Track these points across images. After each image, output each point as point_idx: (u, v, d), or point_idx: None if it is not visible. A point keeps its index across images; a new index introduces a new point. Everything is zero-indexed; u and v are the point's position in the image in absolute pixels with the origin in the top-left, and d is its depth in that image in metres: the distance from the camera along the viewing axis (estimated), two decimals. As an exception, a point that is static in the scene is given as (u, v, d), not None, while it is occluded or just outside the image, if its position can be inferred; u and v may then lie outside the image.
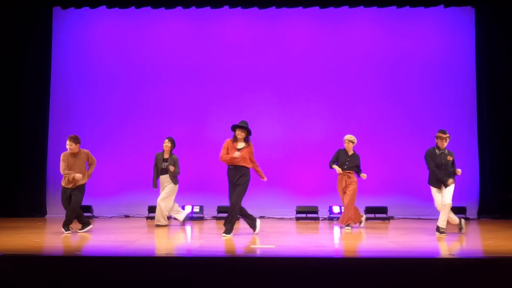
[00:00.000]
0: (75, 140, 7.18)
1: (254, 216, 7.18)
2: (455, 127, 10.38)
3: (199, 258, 4.98)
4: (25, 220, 9.38)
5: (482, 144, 10.26)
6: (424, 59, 10.62)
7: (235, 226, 7.08)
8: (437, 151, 7.20)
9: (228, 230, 6.78)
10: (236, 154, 6.79)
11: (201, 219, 9.72)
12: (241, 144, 6.97)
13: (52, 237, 6.86)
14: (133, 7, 10.52)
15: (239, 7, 10.53)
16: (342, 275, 4.46)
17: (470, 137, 10.43)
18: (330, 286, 4.40)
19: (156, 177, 8.50)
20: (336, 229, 8.18)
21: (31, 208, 10.10)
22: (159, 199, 8.38)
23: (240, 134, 6.96)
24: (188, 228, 8.28)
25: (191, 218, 9.45)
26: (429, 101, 10.57)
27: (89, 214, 9.77)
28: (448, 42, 10.65)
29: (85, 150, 7.36)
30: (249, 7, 10.52)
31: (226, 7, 10.53)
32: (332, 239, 7.00)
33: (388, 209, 9.83)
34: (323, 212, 9.92)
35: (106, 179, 10.30)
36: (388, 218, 9.74)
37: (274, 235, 7.03)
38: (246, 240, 6.46)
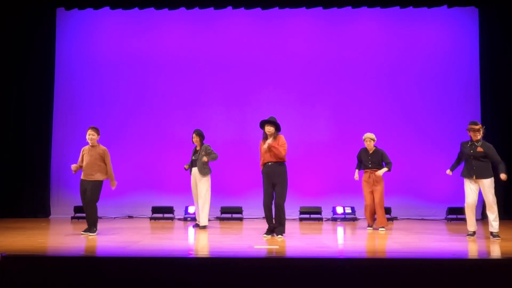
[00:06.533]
0: (97, 130, 7.21)
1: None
2: (458, 127, 10.32)
3: (201, 258, 4.99)
4: (28, 220, 9.40)
5: (486, 144, 10.21)
6: (427, 60, 10.61)
7: (240, 226, 7.08)
8: (469, 142, 7.16)
9: (280, 232, 6.73)
10: (266, 145, 6.78)
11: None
12: (270, 141, 6.92)
13: (56, 237, 6.88)
14: (136, 8, 10.54)
15: (242, 8, 10.54)
16: (345, 276, 4.46)
17: (474, 138, 10.38)
18: (334, 287, 4.40)
19: (189, 166, 8.42)
20: (340, 230, 8.17)
21: (34, 208, 10.13)
22: (198, 199, 8.27)
23: (269, 129, 6.88)
24: (191, 229, 8.28)
25: (193, 219, 9.47)
26: (432, 102, 10.56)
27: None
28: (451, 43, 10.63)
29: (103, 147, 7.28)
30: (252, 8, 10.54)
31: (229, 8, 10.55)
32: (335, 240, 7.00)
33: (392, 210, 9.82)
34: (326, 213, 9.91)
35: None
36: (392, 219, 9.73)
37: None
38: (249, 241, 6.46)
